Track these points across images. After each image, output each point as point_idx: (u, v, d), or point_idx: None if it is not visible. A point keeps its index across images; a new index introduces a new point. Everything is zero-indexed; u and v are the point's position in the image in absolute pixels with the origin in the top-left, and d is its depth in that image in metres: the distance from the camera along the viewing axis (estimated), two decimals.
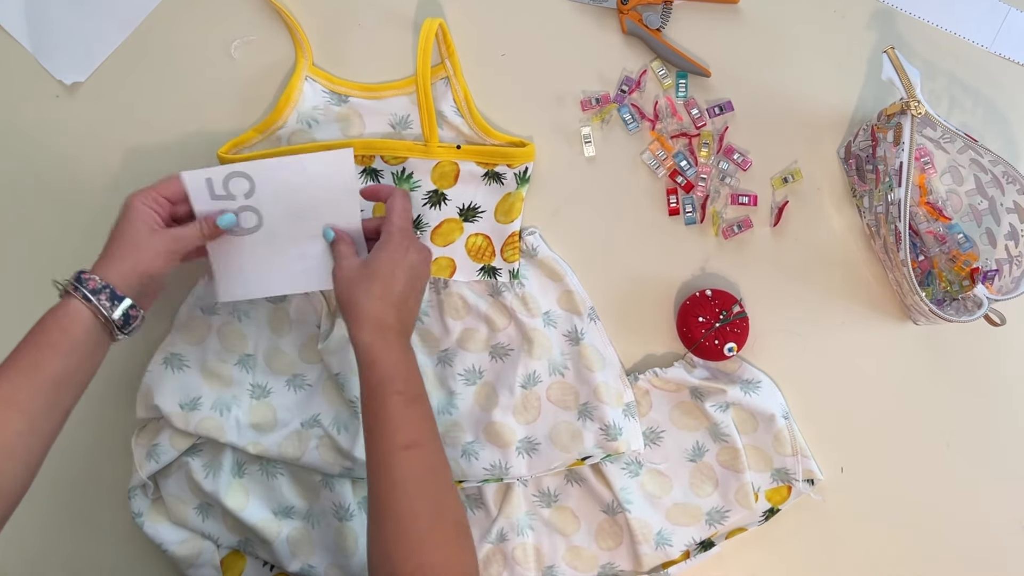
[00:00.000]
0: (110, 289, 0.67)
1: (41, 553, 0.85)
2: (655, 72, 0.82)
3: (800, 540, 0.83)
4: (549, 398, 0.81)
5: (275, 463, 0.82)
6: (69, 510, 0.86)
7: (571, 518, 0.83)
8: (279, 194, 0.74)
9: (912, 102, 0.69)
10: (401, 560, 0.62)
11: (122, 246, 0.69)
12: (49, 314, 0.66)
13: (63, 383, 0.65)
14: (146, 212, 0.71)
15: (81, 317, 0.66)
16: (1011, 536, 0.83)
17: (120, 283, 0.68)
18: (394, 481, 0.64)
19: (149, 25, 0.84)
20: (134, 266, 0.69)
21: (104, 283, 0.67)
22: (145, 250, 0.70)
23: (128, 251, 0.69)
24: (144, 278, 0.69)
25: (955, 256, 0.79)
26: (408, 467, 0.65)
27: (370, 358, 0.67)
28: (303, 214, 0.75)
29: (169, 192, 0.72)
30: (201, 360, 0.82)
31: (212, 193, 0.73)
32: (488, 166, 0.80)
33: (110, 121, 0.85)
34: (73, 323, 0.66)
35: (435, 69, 0.81)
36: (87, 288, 0.66)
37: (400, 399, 0.66)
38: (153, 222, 0.71)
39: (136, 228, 0.70)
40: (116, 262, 0.69)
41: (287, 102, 0.81)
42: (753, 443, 0.81)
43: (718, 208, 0.82)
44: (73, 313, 0.66)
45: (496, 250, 0.81)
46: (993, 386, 0.83)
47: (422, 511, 0.63)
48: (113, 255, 0.69)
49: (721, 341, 0.79)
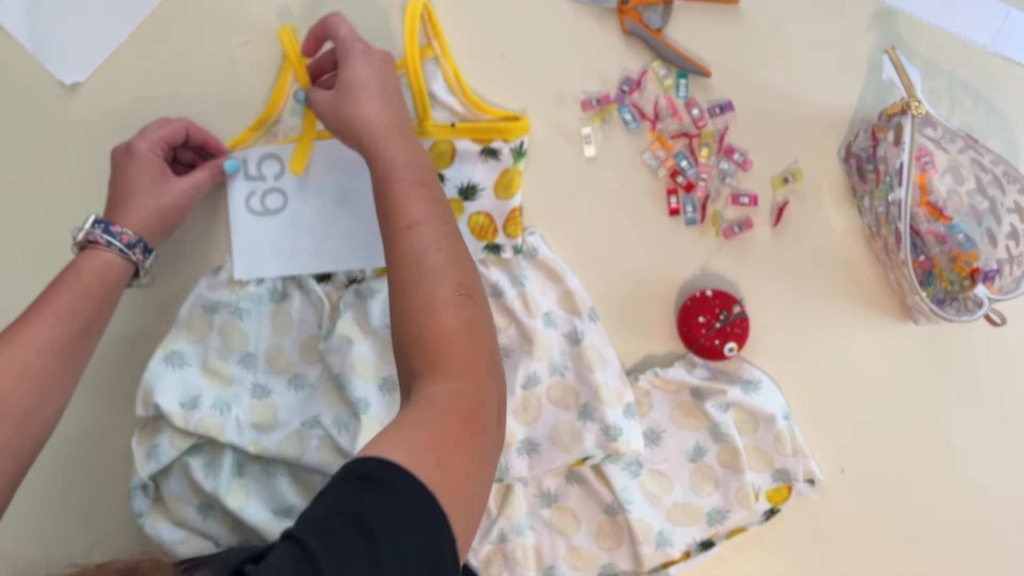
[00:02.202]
0: (143, 243, 0.70)
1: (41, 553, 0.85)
2: (655, 72, 0.82)
3: (800, 540, 0.83)
4: (549, 399, 0.81)
5: (275, 463, 0.82)
6: (69, 510, 0.86)
7: (571, 518, 0.83)
8: (306, 177, 0.80)
9: (913, 102, 0.69)
10: (402, 330, 0.62)
11: (138, 198, 0.71)
12: (85, 263, 0.69)
13: (94, 330, 0.69)
14: (157, 160, 0.73)
15: (117, 269, 0.69)
16: (1012, 536, 0.83)
17: (147, 234, 0.71)
18: (394, 261, 0.64)
19: (149, 25, 0.84)
20: (155, 219, 0.71)
21: (137, 236, 0.70)
22: (168, 200, 0.72)
23: (149, 200, 0.72)
24: (168, 228, 0.73)
25: (956, 256, 0.79)
26: (407, 244, 0.64)
27: (372, 154, 0.67)
28: (328, 197, 0.78)
29: (171, 136, 0.75)
30: (202, 359, 0.82)
31: (247, 174, 0.80)
32: (484, 143, 0.80)
33: (110, 121, 0.85)
34: (110, 275, 0.69)
35: (423, 50, 0.81)
36: (122, 242, 0.69)
37: (401, 184, 0.66)
38: (165, 169, 0.73)
39: (153, 177, 0.72)
40: (137, 212, 0.71)
41: (280, 95, 0.81)
42: (753, 443, 0.81)
43: (718, 208, 0.82)
44: (111, 265, 0.69)
45: (498, 227, 0.81)
46: (994, 386, 0.83)
47: (426, 280, 0.62)
48: (130, 207, 0.71)
49: (721, 341, 0.79)
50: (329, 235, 0.81)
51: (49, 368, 0.65)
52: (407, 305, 0.62)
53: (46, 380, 0.65)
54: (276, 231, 0.81)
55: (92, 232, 0.69)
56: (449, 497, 0.50)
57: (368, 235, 0.81)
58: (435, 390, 0.58)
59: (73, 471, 0.85)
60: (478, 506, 0.56)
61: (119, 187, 0.73)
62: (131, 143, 0.73)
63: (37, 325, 0.65)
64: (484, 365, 0.61)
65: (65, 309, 0.66)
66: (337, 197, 0.81)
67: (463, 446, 0.55)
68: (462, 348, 0.60)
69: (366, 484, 0.50)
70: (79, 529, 0.85)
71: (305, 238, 0.81)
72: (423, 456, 0.51)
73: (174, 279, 0.83)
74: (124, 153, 0.73)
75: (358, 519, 0.48)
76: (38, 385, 0.64)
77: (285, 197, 0.81)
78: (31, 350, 0.64)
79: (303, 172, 0.80)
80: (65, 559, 0.47)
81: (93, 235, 0.69)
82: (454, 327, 0.60)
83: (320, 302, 0.81)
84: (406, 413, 0.57)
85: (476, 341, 0.61)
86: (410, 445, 0.53)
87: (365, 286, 0.81)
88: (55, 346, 0.65)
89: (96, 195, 0.84)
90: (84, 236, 0.70)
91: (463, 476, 0.54)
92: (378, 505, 0.49)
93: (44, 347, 0.65)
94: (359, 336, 0.80)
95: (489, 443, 0.58)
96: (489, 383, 0.60)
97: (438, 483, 0.50)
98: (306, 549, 0.46)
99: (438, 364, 0.59)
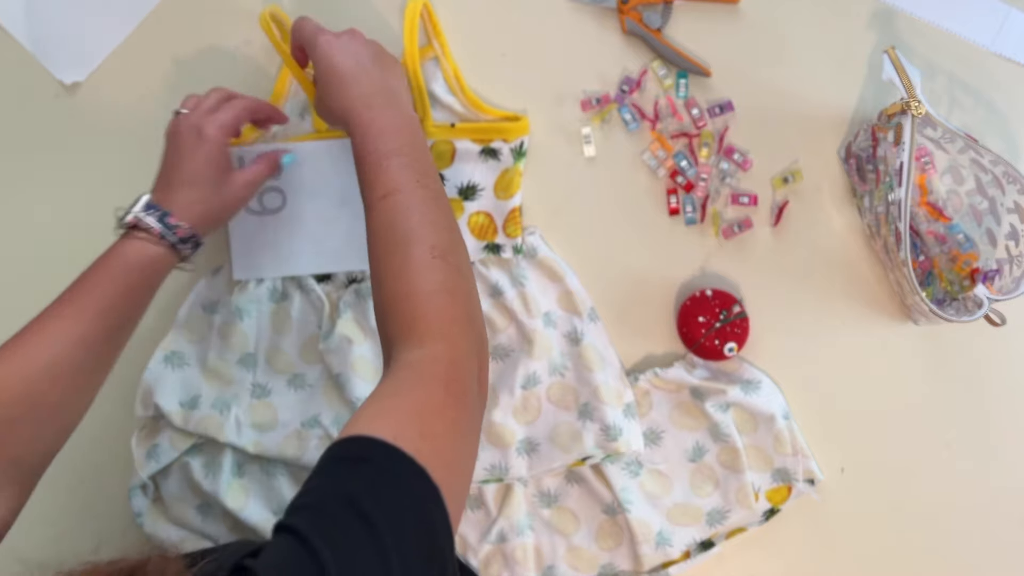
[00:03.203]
0: (196, 238, 0.67)
1: (40, 554, 0.85)
2: (655, 72, 0.82)
3: (800, 540, 0.83)
4: (549, 398, 0.81)
5: (275, 463, 0.82)
6: (69, 510, 0.86)
7: (571, 518, 0.82)
8: (305, 177, 0.79)
9: (912, 102, 0.69)
10: (378, 296, 0.61)
11: (202, 188, 0.68)
12: (133, 255, 0.65)
13: (130, 325, 0.67)
14: (223, 150, 0.69)
15: (165, 264, 0.66)
16: (1012, 536, 0.83)
17: (200, 227, 0.68)
18: (371, 232, 0.63)
19: (149, 25, 0.84)
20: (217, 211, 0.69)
21: (192, 231, 0.67)
22: (229, 195, 0.70)
23: (211, 194, 0.68)
24: (220, 223, 0.71)
25: (955, 256, 0.79)
26: (382, 215, 0.63)
27: (350, 132, 0.66)
28: (328, 196, 0.78)
29: (241, 119, 0.72)
30: (202, 358, 0.82)
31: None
32: (484, 142, 0.80)
33: (110, 121, 0.85)
34: (157, 269, 0.66)
35: (423, 50, 0.81)
36: (176, 236, 0.66)
37: (374, 156, 0.64)
38: (228, 162, 0.70)
39: (220, 167, 0.69)
40: (197, 205, 0.68)
41: (279, 96, 0.81)
42: (753, 443, 0.81)
43: (718, 208, 0.82)
44: (159, 259, 0.66)
45: (498, 227, 0.81)
46: (993, 386, 0.83)
47: (395, 251, 0.61)
48: (193, 196, 0.67)
49: (721, 341, 0.79)
50: (329, 235, 0.81)
51: (82, 363, 0.62)
52: (382, 272, 0.62)
53: (77, 375, 0.62)
54: (275, 231, 0.81)
55: (145, 219, 0.65)
56: (437, 467, 0.50)
57: None
58: (412, 356, 0.57)
59: (73, 471, 0.85)
60: (466, 471, 0.56)
61: (182, 172, 0.68)
62: (202, 126, 0.68)
63: (73, 318, 0.62)
64: (460, 325, 0.60)
65: (105, 303, 0.63)
66: (337, 197, 0.81)
67: (445, 411, 0.55)
68: (436, 310, 0.59)
69: (354, 465, 0.50)
70: (79, 529, 0.85)
71: (305, 238, 0.81)
72: (407, 428, 0.51)
73: (174, 279, 0.83)
74: (194, 136, 0.68)
75: (351, 502, 0.47)
76: (69, 380, 0.62)
77: (284, 196, 0.80)
78: (65, 345, 0.61)
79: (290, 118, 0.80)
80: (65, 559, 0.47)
81: (145, 223, 0.65)
82: (426, 289, 0.60)
83: (320, 302, 0.81)
84: (386, 383, 0.56)
85: (450, 301, 0.60)
86: (393, 417, 0.52)
87: (365, 286, 0.81)
88: (89, 341, 0.62)
89: (97, 195, 0.84)
90: (134, 219, 0.65)
91: (449, 443, 0.54)
92: (369, 485, 0.48)
93: (79, 341, 0.62)
94: (359, 336, 0.80)
95: (471, 404, 0.58)
96: (465, 343, 0.59)
97: (425, 454, 0.50)
98: (303, 539, 0.45)
99: (413, 329, 0.58)
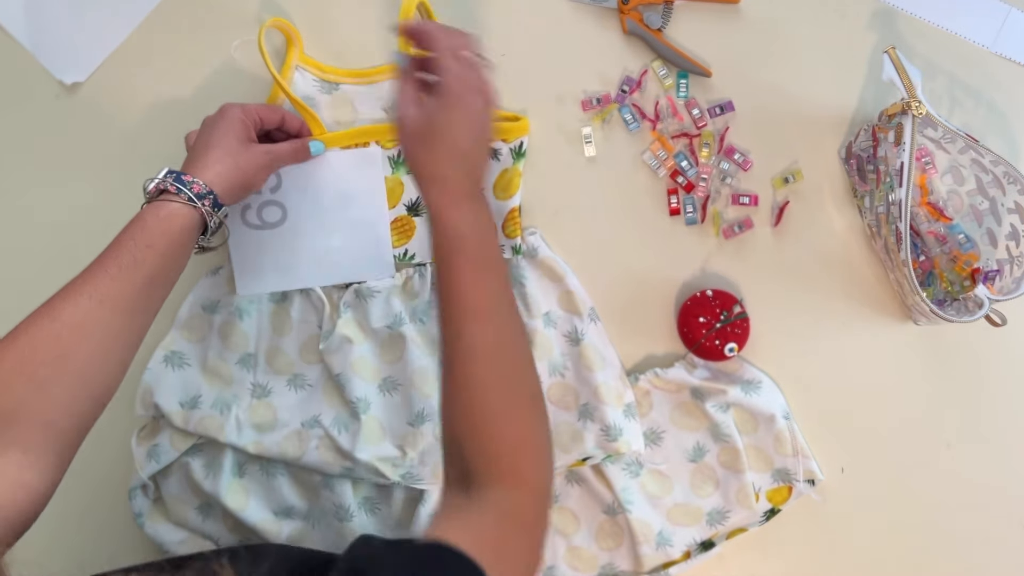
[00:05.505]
0: (214, 196, 0.67)
1: (40, 554, 0.85)
2: (656, 72, 0.82)
3: (801, 540, 0.83)
4: (549, 399, 0.81)
5: (275, 463, 0.82)
6: (69, 510, 0.85)
7: (571, 518, 0.82)
8: (305, 189, 0.77)
9: (913, 102, 0.69)
10: (470, 433, 0.60)
11: (218, 153, 0.69)
12: (149, 213, 0.65)
13: (157, 283, 0.65)
14: (244, 125, 0.71)
15: (181, 219, 0.66)
16: (1012, 536, 0.83)
17: (220, 189, 0.67)
18: (464, 351, 0.61)
19: (149, 25, 0.84)
20: (232, 175, 0.68)
21: (208, 188, 0.67)
22: (244, 161, 0.70)
23: (227, 159, 0.69)
24: (241, 189, 0.70)
25: (956, 256, 0.79)
26: (479, 336, 0.61)
27: (440, 222, 0.63)
28: (328, 209, 0.76)
29: (266, 114, 0.73)
30: (202, 358, 0.82)
31: None
32: None
33: (110, 121, 0.85)
34: (173, 225, 0.65)
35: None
36: (191, 191, 0.66)
37: (469, 266, 0.62)
38: (248, 135, 0.71)
39: (236, 137, 0.70)
40: (214, 165, 0.68)
41: (278, 94, 0.81)
42: (754, 443, 0.81)
43: (719, 208, 0.82)
44: (175, 215, 0.65)
45: (497, 227, 0.81)
46: (994, 386, 0.82)
47: (494, 384, 0.61)
48: (208, 161, 0.68)
49: (722, 341, 0.79)
50: (330, 249, 0.80)
51: (109, 322, 0.62)
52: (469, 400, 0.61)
53: (106, 335, 0.62)
54: (276, 245, 0.79)
55: (163, 181, 0.66)
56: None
57: (370, 247, 0.80)
58: (499, 497, 0.59)
59: (73, 471, 0.84)
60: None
61: (201, 142, 0.70)
62: (225, 105, 0.71)
63: (98, 275, 0.62)
64: (546, 478, 0.62)
65: (127, 259, 0.63)
66: (337, 209, 0.79)
67: (521, 553, 0.58)
68: (527, 462, 0.61)
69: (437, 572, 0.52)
70: (79, 529, 0.85)
71: (306, 252, 0.79)
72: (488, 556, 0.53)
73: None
74: (215, 114, 0.71)
75: None
76: (98, 341, 0.61)
77: (284, 210, 0.79)
78: (92, 300, 0.61)
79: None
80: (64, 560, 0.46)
81: (164, 184, 0.66)
82: (520, 436, 0.61)
83: (320, 302, 0.81)
84: (472, 512, 0.58)
85: (540, 453, 0.62)
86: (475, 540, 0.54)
87: (365, 286, 0.81)
88: (116, 299, 0.62)
89: (97, 194, 0.85)
90: (155, 186, 0.66)
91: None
92: None
93: (105, 298, 0.61)
94: (359, 336, 0.80)
95: (543, 541, 0.61)
96: (548, 494, 0.62)
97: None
98: None
99: (503, 474, 0.59)
